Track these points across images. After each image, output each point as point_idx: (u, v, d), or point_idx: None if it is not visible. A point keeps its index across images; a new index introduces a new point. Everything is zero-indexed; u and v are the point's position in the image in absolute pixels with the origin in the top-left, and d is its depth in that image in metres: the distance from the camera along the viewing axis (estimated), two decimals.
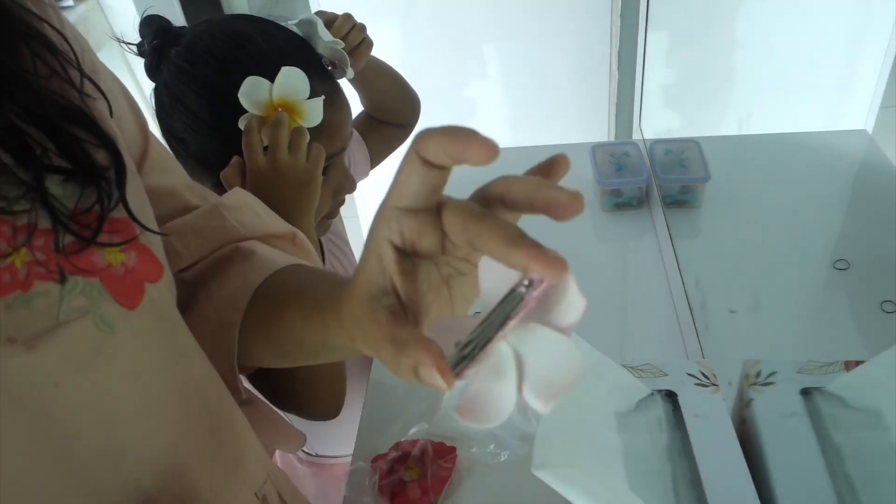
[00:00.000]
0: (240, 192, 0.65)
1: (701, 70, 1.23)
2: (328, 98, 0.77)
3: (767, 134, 0.82)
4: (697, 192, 1.10)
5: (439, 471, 0.76)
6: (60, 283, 0.38)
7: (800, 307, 0.84)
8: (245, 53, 0.75)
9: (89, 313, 0.39)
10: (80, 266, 0.39)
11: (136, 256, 0.43)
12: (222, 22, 0.81)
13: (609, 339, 0.97)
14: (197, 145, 0.78)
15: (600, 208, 1.19)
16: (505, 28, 2.12)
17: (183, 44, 0.78)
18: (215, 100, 0.75)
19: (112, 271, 0.41)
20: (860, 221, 0.87)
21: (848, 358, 0.61)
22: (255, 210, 0.64)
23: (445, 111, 2.25)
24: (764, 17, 1.00)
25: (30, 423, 0.38)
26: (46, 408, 0.39)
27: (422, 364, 0.32)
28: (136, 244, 0.43)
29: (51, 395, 0.39)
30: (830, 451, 0.55)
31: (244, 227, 0.60)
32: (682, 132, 1.29)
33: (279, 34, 0.78)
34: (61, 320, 0.38)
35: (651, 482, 0.56)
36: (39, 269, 0.37)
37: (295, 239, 0.65)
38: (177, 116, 0.78)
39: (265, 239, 0.62)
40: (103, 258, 0.40)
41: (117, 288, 0.41)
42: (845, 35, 0.85)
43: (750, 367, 0.62)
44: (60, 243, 0.38)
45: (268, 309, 0.54)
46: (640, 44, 1.24)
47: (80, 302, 0.39)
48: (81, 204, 0.40)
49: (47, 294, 0.37)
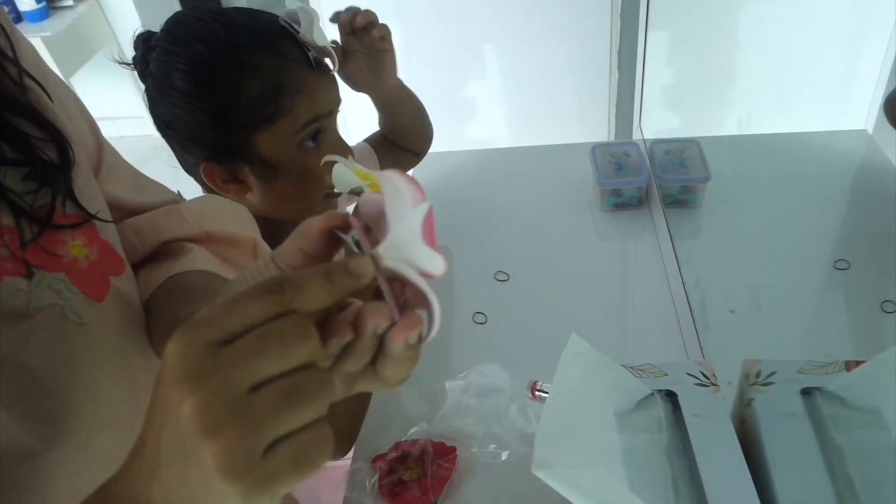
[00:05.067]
0: (208, 200, 0.65)
1: (701, 70, 1.23)
2: (302, 59, 0.79)
3: (767, 134, 0.81)
4: (697, 192, 1.10)
5: (439, 471, 0.76)
6: (28, 278, 0.39)
7: (800, 307, 0.84)
8: (221, 25, 0.78)
9: (59, 305, 0.40)
10: (46, 261, 0.40)
11: (97, 251, 0.44)
12: (200, 7, 0.83)
13: (609, 339, 0.97)
14: (184, 122, 0.80)
15: (600, 208, 1.19)
16: (505, 28, 2.12)
17: (164, 30, 0.80)
18: (197, 72, 0.77)
19: (77, 265, 0.42)
20: (860, 221, 0.87)
21: (848, 358, 0.61)
22: (219, 213, 0.63)
23: (445, 111, 2.24)
24: (764, 17, 1.00)
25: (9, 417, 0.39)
26: (31, 398, 0.40)
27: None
28: (96, 239, 0.44)
29: (29, 387, 0.40)
30: (830, 451, 0.55)
31: (200, 225, 0.60)
32: (682, 132, 1.29)
33: (251, 10, 0.82)
34: (30, 312, 0.39)
35: (651, 482, 0.56)
36: (7, 265, 0.38)
37: (256, 249, 0.64)
38: (164, 100, 0.80)
39: (223, 241, 0.62)
40: (68, 253, 0.42)
41: (83, 280, 0.42)
42: (845, 35, 0.85)
43: (750, 367, 0.62)
44: (26, 238, 0.39)
45: (161, 298, 0.53)
46: (640, 44, 1.24)
47: (49, 295, 0.40)
48: (40, 199, 0.41)
49: (16, 289, 0.38)
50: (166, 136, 0.83)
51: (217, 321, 0.30)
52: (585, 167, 1.22)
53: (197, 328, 0.30)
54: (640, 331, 0.98)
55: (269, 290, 0.30)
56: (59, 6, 3.04)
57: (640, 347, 0.95)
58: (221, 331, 0.29)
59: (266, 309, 0.30)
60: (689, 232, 1.07)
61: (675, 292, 1.00)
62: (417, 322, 0.34)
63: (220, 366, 0.29)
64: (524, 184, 1.14)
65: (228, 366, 0.29)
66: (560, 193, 1.24)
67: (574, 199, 1.22)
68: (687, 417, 0.60)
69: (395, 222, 0.35)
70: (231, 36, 0.77)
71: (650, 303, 1.01)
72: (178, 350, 0.29)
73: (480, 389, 0.84)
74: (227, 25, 0.78)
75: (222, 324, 0.30)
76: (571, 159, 1.27)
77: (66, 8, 3.05)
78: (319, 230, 0.35)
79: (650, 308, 1.01)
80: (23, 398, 0.39)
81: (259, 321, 0.30)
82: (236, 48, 0.76)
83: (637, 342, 0.97)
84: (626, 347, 0.97)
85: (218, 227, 0.61)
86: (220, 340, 0.29)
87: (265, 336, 0.29)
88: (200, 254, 0.58)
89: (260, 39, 0.77)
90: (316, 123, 0.82)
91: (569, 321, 0.99)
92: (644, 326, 0.98)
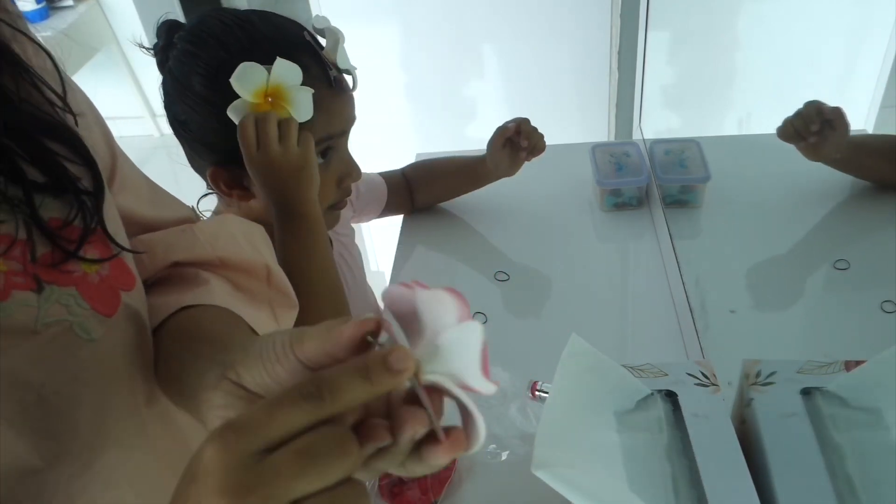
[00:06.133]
0: (224, 221, 0.63)
1: (701, 70, 1.23)
2: (322, 77, 0.79)
3: (767, 134, 0.81)
4: (697, 192, 1.10)
5: (439, 471, 0.76)
6: (37, 293, 0.38)
7: (800, 307, 0.84)
8: (245, 34, 0.77)
9: (68, 321, 0.39)
10: (56, 276, 0.39)
11: (108, 266, 0.43)
12: (225, 9, 0.84)
13: (609, 339, 0.97)
14: (198, 125, 0.80)
15: (600, 208, 1.19)
16: (505, 28, 2.12)
17: (187, 29, 0.80)
18: (214, 77, 0.76)
19: (87, 280, 0.41)
20: (860, 221, 0.87)
21: (848, 358, 0.61)
22: (233, 237, 0.61)
23: (445, 111, 2.25)
24: (764, 17, 1.00)
25: (14, 432, 0.38)
26: (36, 415, 0.39)
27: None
28: (108, 254, 0.43)
29: (34, 404, 0.39)
30: (830, 451, 0.55)
31: (214, 249, 0.58)
32: (682, 132, 1.29)
33: (277, 19, 0.81)
34: (38, 329, 0.38)
35: (651, 482, 0.56)
36: (17, 279, 0.38)
37: (270, 276, 0.62)
38: (179, 100, 0.80)
39: (237, 268, 0.59)
40: (79, 267, 0.41)
41: (93, 296, 0.41)
42: (845, 35, 0.85)
43: (750, 367, 0.62)
44: (36, 254, 0.38)
45: (170, 334, 0.51)
46: (640, 44, 1.24)
47: (58, 310, 0.39)
48: (59, 216, 0.40)
49: (25, 303, 0.38)
50: (178, 135, 0.83)
51: (256, 429, 0.30)
52: (585, 167, 1.22)
53: (237, 436, 0.30)
54: (640, 331, 0.98)
55: (308, 396, 0.30)
56: (59, 6, 3.04)
57: (640, 347, 0.96)
58: (262, 440, 0.30)
59: (305, 417, 0.30)
60: (689, 232, 1.07)
61: (675, 292, 1.00)
62: (462, 442, 0.33)
63: (262, 482, 0.29)
64: (524, 184, 1.14)
65: (270, 483, 0.29)
66: (560, 193, 1.24)
67: (574, 199, 1.22)
68: (687, 417, 0.60)
69: (437, 332, 0.33)
70: (253, 45, 0.77)
71: (650, 303, 1.02)
72: (219, 458, 0.30)
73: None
74: (251, 34, 0.77)
75: (262, 432, 0.30)
76: (571, 159, 1.27)
77: (66, 8, 3.05)
78: (351, 337, 0.34)
79: (650, 308, 1.01)
80: (27, 415, 0.39)
81: (299, 429, 0.30)
82: (257, 58, 0.75)
83: (637, 342, 0.97)
84: (626, 347, 0.97)
85: (232, 253, 0.59)
86: (261, 450, 0.30)
87: (307, 454, 0.30)
88: (217, 285, 0.55)
89: (281, 52, 0.77)
90: (329, 141, 0.83)
91: (569, 321, 0.99)
92: (644, 326, 0.98)
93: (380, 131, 1.76)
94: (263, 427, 0.30)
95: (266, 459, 0.30)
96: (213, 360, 0.41)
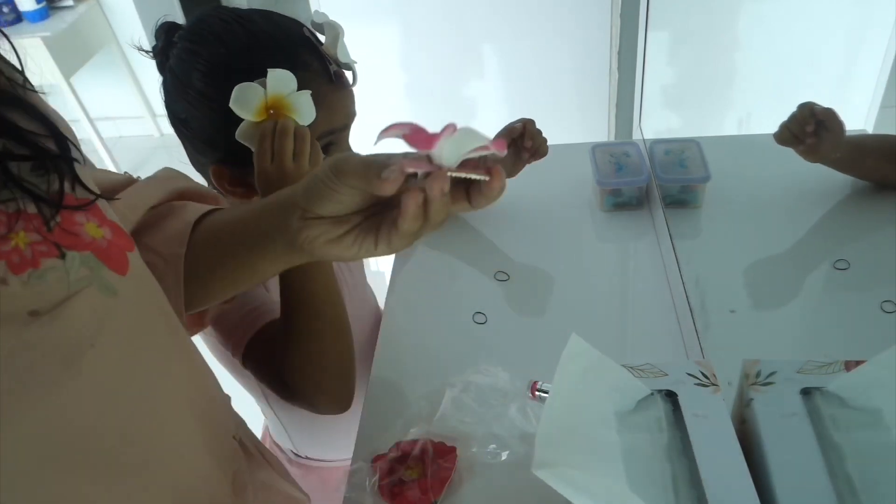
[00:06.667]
0: (165, 169, 0.75)
1: (701, 70, 1.23)
2: (322, 73, 0.79)
3: (767, 134, 0.81)
4: (697, 192, 1.10)
5: (439, 471, 0.76)
6: (62, 259, 0.42)
7: (800, 307, 0.84)
8: (245, 31, 0.78)
9: (93, 281, 0.44)
10: (74, 241, 0.44)
11: (110, 231, 0.48)
12: (225, 7, 0.84)
13: (609, 339, 0.97)
14: (199, 123, 0.80)
15: (600, 208, 1.19)
16: (505, 28, 2.12)
17: (187, 27, 0.81)
18: (215, 74, 0.77)
19: (98, 244, 0.46)
20: (860, 221, 0.87)
21: (848, 358, 0.61)
22: (174, 178, 0.74)
23: (445, 111, 2.25)
24: (764, 17, 1.00)
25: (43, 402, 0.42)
26: (76, 375, 0.43)
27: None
28: (106, 220, 0.48)
29: (79, 360, 0.43)
30: (830, 451, 0.55)
31: (175, 187, 0.70)
32: (682, 132, 1.29)
33: (277, 17, 0.81)
34: (72, 290, 0.42)
35: (651, 482, 0.56)
36: (41, 248, 0.41)
37: (218, 200, 0.76)
38: (180, 98, 0.80)
39: (193, 196, 0.72)
40: (87, 234, 0.45)
41: (107, 257, 0.46)
42: (845, 35, 0.85)
43: (750, 366, 0.62)
44: (52, 223, 0.42)
45: (207, 236, 0.63)
46: (640, 44, 1.24)
47: (83, 272, 0.43)
48: (52, 187, 0.44)
49: (55, 269, 0.42)
50: (180, 133, 0.84)
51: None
52: (585, 167, 1.22)
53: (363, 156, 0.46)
54: (640, 331, 0.98)
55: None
56: (59, 6, 3.04)
57: (640, 347, 0.95)
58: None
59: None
60: (689, 232, 1.07)
61: (675, 292, 1.00)
62: (501, 172, 0.46)
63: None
64: (524, 184, 1.14)
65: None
66: (560, 193, 1.24)
67: (574, 199, 1.22)
68: (687, 417, 0.60)
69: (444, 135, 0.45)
70: (253, 41, 0.77)
71: (650, 303, 1.01)
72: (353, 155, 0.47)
73: (480, 389, 0.84)
74: (251, 30, 0.78)
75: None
76: (571, 159, 1.27)
77: (66, 8, 3.06)
78: (396, 182, 0.46)
79: (650, 308, 1.01)
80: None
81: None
82: (257, 54, 0.76)
83: (637, 342, 0.97)
84: (626, 347, 0.97)
85: (184, 186, 0.72)
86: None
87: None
88: (192, 205, 0.67)
89: (281, 48, 0.77)
90: (330, 136, 0.83)
91: (569, 321, 0.99)
92: (644, 326, 0.98)
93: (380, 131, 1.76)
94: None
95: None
96: (280, 215, 0.52)
